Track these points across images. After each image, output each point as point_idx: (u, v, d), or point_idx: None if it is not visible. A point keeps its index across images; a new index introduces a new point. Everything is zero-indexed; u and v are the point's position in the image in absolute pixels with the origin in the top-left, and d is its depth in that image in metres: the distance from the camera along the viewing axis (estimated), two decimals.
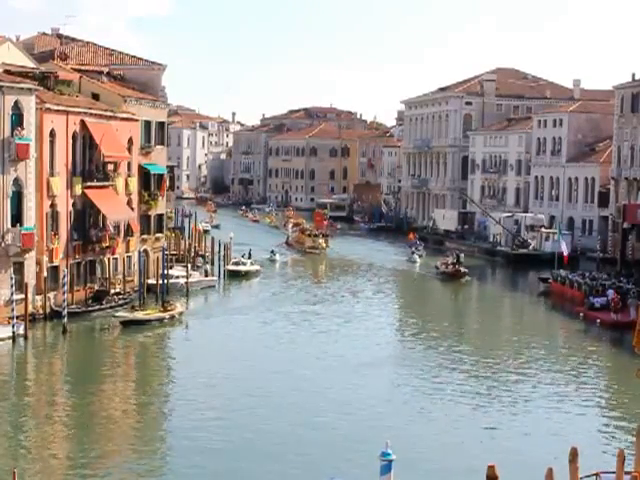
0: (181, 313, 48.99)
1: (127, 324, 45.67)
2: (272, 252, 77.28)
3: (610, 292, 52.08)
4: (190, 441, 28.15)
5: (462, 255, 70.77)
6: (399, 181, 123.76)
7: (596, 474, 19.97)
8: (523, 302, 61.49)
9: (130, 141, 55.10)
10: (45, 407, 32.46)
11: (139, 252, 54.29)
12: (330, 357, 40.55)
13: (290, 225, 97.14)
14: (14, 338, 40.86)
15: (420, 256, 79.43)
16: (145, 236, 57.33)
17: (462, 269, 67.53)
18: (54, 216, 47.87)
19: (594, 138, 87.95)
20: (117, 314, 46.81)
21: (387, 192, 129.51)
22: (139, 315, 46.99)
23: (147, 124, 57.56)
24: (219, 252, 67.48)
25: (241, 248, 73.04)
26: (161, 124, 59.98)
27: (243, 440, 28.35)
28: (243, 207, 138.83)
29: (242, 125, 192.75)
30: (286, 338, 45.24)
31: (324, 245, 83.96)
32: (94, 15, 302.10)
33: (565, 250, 62.81)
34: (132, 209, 54.92)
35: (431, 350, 43.36)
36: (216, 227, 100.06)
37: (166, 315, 47.75)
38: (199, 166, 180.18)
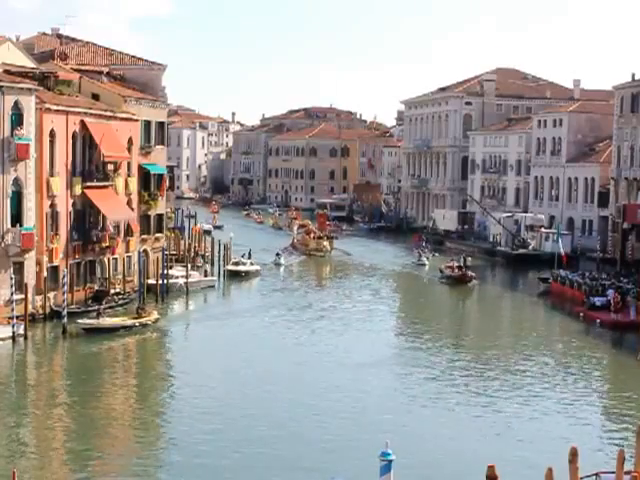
0: (156, 320, 45.90)
1: (91, 332, 43.08)
2: (277, 255, 75.16)
3: (610, 292, 52.09)
4: (190, 441, 28.14)
5: (469, 259, 68.17)
6: (399, 181, 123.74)
7: (596, 474, 19.97)
8: (523, 302, 61.41)
9: (130, 141, 55.10)
10: (45, 407, 32.45)
11: (139, 252, 54.29)
12: (331, 358, 40.50)
13: (296, 227, 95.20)
14: (14, 338, 40.87)
15: (428, 258, 77.46)
16: (145, 236, 57.32)
17: (470, 273, 65.25)
18: (54, 216, 47.85)
19: (594, 138, 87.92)
20: (80, 320, 43.71)
21: (387, 192, 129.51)
22: (105, 322, 43.97)
23: (147, 124, 57.57)
24: (219, 252, 67.45)
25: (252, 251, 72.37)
26: (161, 124, 59.98)
27: (243, 440, 28.34)
28: (247, 208, 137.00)
29: (242, 125, 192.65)
30: (286, 340, 45.21)
31: (328, 247, 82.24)
32: (94, 15, 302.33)
33: (562, 250, 62.70)
34: (132, 209, 54.91)
35: (431, 351, 43.35)
36: (219, 228, 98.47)
37: (136, 323, 44.71)
38: (199, 166, 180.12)
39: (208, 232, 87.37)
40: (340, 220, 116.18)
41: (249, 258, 69.22)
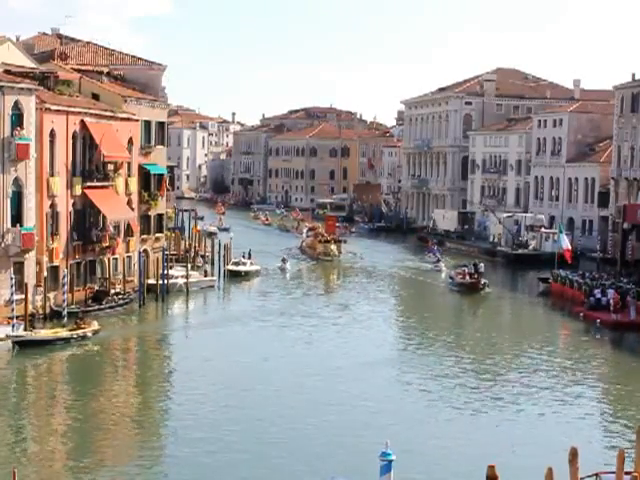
0: (97, 331, 42.68)
1: (22, 345, 39.82)
2: (283, 260, 72.25)
3: (611, 292, 52.09)
4: (190, 442, 28.12)
5: (482, 265, 64.76)
6: (399, 181, 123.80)
7: (596, 474, 20.01)
8: (523, 302, 61.39)
9: (130, 141, 55.09)
10: (45, 407, 32.48)
11: (139, 252, 54.30)
12: (331, 359, 40.47)
13: (305, 230, 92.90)
14: None
15: (442, 262, 74.78)
16: (145, 236, 57.33)
17: (483, 280, 61.68)
18: (54, 216, 47.85)
19: (594, 138, 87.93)
20: (10, 333, 40.24)
21: (387, 192, 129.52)
22: (38, 335, 40.98)
23: (147, 124, 57.56)
24: (219, 252, 67.36)
25: (258, 254, 71.64)
26: (161, 124, 59.97)
27: (243, 441, 28.34)
28: (255, 209, 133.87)
29: (242, 125, 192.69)
30: (287, 340, 45.18)
31: (336, 252, 78.86)
32: (94, 15, 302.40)
33: (567, 245, 62.22)
34: (132, 209, 54.92)
35: (431, 351, 43.36)
36: (225, 230, 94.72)
37: (74, 334, 41.57)
38: (199, 166, 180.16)
39: (213, 234, 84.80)
40: (345, 221, 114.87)
41: (249, 258, 69.12)
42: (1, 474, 24.49)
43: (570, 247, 62.81)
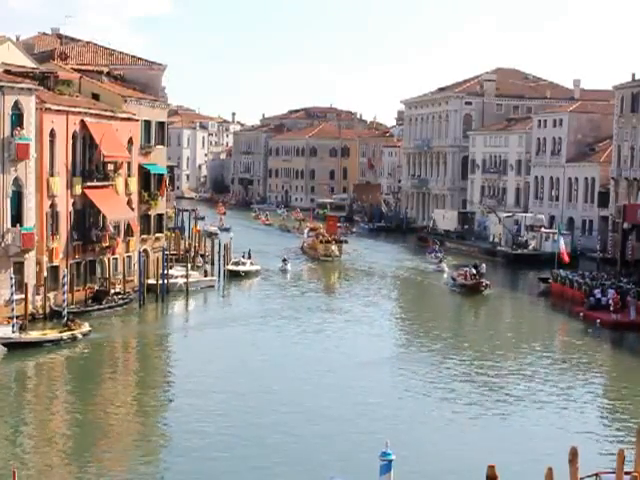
0: (88, 332, 42.13)
1: (12, 347, 39.17)
2: (284, 261, 71.27)
3: (611, 292, 52.10)
4: (189, 443, 28.13)
5: (484, 266, 64.50)
6: (399, 181, 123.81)
7: (596, 474, 20.02)
8: (523, 302, 61.39)
9: (130, 141, 55.09)
10: (45, 407, 32.44)
11: (139, 252, 54.30)
12: (330, 359, 40.50)
13: (306, 230, 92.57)
14: None
15: (444, 262, 74.63)
16: (145, 236, 57.33)
17: (484, 281, 61.14)
18: (54, 216, 47.86)
19: (594, 138, 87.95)
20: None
21: (387, 192, 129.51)
22: (27, 336, 40.11)
23: (147, 124, 57.56)
24: (219, 252, 67.34)
25: (258, 255, 71.58)
26: (161, 124, 59.96)
27: (242, 440, 28.33)
28: (256, 210, 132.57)
29: (242, 125, 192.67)
30: (287, 340, 45.19)
31: (337, 252, 78.01)
32: (94, 15, 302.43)
33: (563, 248, 62.37)
34: (132, 209, 54.92)
35: (431, 350, 43.36)
36: (226, 230, 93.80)
37: (64, 335, 40.95)
38: (199, 166, 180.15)
39: (214, 234, 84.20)
40: (345, 221, 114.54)
41: (249, 258, 69.09)
42: (1, 474, 24.50)
43: (564, 249, 62.88)
